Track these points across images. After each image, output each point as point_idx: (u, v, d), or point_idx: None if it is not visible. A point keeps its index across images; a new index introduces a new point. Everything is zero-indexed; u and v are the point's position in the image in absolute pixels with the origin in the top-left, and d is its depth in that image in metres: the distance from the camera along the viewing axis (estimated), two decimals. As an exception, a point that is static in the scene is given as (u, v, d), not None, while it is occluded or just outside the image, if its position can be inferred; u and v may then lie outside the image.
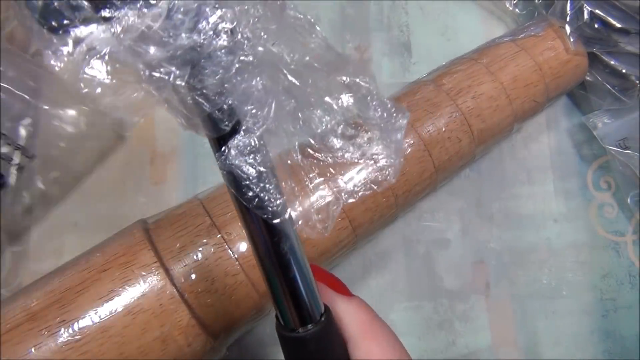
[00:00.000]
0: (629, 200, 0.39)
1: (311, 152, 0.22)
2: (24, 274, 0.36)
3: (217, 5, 0.15)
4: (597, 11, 0.37)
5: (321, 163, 0.23)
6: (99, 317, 0.24)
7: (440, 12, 0.43)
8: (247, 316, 0.27)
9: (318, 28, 0.18)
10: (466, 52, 0.38)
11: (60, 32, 0.15)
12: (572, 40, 0.36)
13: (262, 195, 0.17)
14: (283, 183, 0.18)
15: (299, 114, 0.18)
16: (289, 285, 0.19)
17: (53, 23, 0.15)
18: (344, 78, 0.20)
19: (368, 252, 0.37)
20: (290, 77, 0.18)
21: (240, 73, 0.16)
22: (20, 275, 0.35)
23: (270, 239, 0.18)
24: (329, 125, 0.20)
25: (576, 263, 0.38)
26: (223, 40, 0.15)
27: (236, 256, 0.26)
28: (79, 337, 0.24)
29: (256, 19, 0.16)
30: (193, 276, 0.26)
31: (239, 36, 0.16)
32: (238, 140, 0.17)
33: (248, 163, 0.17)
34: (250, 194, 0.17)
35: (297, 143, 0.21)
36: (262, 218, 0.17)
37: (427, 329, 0.36)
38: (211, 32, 0.15)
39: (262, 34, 0.16)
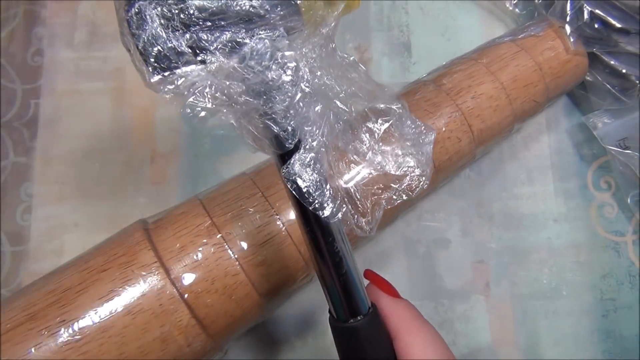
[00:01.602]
0: (629, 200, 0.39)
1: (355, 166, 0.26)
2: (24, 274, 0.36)
3: (283, 49, 0.20)
4: (597, 11, 0.37)
5: (366, 175, 0.28)
6: (99, 317, 0.24)
7: (440, 12, 0.43)
8: (247, 316, 0.27)
9: (361, 66, 0.23)
10: (466, 52, 0.38)
11: (168, 72, 0.20)
12: (572, 40, 0.36)
13: (319, 199, 0.21)
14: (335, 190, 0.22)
15: (347, 135, 0.23)
16: (341, 280, 0.22)
17: (163, 65, 0.19)
18: (381, 105, 0.24)
19: (368, 252, 0.37)
20: (339, 104, 0.22)
21: (301, 101, 0.20)
22: (20, 275, 0.36)
23: (325, 239, 0.21)
24: (370, 144, 0.25)
25: (576, 263, 0.38)
26: (288, 76, 0.20)
27: (236, 256, 0.26)
28: (79, 337, 0.24)
29: (312, 59, 0.21)
30: (193, 276, 0.26)
31: (300, 72, 0.20)
32: (300, 155, 0.20)
33: (308, 173, 0.21)
34: (310, 198, 0.21)
35: (345, 158, 0.26)
36: (320, 218, 0.21)
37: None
38: (280, 70, 0.20)
39: (317, 71, 0.21)
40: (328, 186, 0.21)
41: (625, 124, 0.38)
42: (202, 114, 0.20)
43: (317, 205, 0.21)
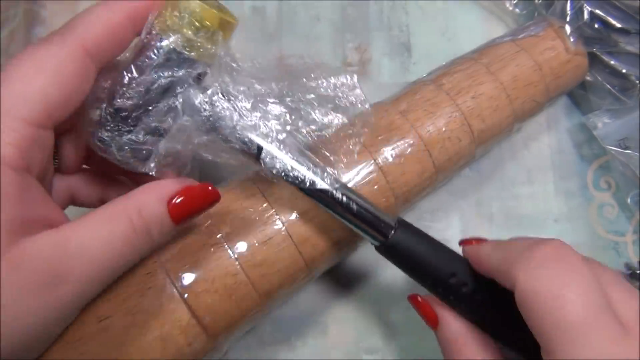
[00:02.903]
0: (629, 200, 0.39)
1: (315, 134, 0.27)
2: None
3: (202, 91, 0.25)
4: (597, 11, 0.37)
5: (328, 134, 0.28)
6: (99, 317, 0.24)
7: (440, 12, 0.43)
8: (247, 316, 0.27)
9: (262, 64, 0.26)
10: (466, 52, 0.37)
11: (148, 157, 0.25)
12: (572, 40, 0.36)
13: (299, 175, 0.25)
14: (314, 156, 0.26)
15: (298, 116, 0.26)
16: (357, 216, 0.26)
17: (141, 157, 0.25)
18: (304, 79, 0.27)
19: (368, 252, 0.37)
20: (275, 99, 0.26)
21: (244, 116, 0.25)
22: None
23: (330, 196, 0.26)
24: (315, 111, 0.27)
25: (576, 263, 0.38)
26: (221, 104, 0.25)
27: (236, 256, 0.26)
28: (78, 337, 0.24)
29: (234, 73, 0.25)
30: (193, 276, 0.26)
31: (231, 96, 0.25)
32: (265, 153, 0.25)
33: (279, 162, 0.25)
34: (291, 179, 0.25)
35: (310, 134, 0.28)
36: (317, 188, 0.25)
37: (428, 329, 0.36)
38: (209, 106, 0.25)
39: (241, 86, 0.25)
40: (304, 159, 0.25)
41: (625, 124, 0.38)
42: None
43: (298, 182, 0.25)
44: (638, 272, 0.25)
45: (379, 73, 0.41)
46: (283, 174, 0.25)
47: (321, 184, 0.25)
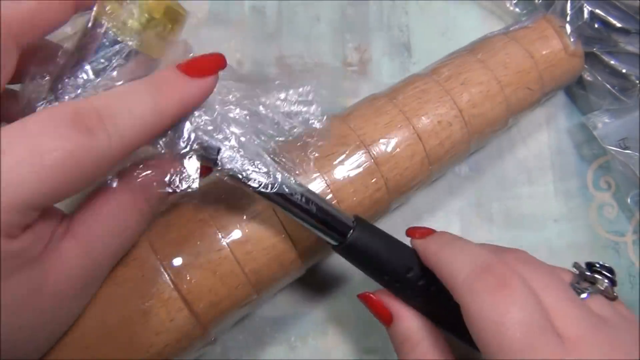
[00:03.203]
0: (629, 200, 0.38)
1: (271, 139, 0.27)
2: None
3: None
4: (597, 11, 0.37)
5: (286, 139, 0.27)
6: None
7: (440, 12, 0.43)
8: (233, 296, 0.27)
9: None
10: (463, 50, 0.38)
11: None
12: (572, 40, 0.36)
13: (254, 176, 0.24)
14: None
15: (256, 125, 0.26)
16: (315, 218, 0.25)
17: None
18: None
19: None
20: (235, 102, 0.25)
21: (202, 117, 0.24)
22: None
23: (283, 196, 0.25)
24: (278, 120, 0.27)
25: (576, 263, 0.38)
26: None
27: (221, 232, 0.27)
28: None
29: None
30: (176, 250, 0.26)
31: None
32: (222, 155, 0.24)
33: (236, 164, 0.24)
34: (252, 178, 0.24)
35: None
36: (274, 192, 0.24)
37: (427, 329, 0.36)
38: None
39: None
40: (262, 166, 0.24)
41: (625, 124, 0.38)
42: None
43: (255, 185, 0.24)
44: (587, 272, 0.25)
45: (379, 73, 0.41)
46: (240, 175, 0.24)
47: (279, 188, 0.24)
